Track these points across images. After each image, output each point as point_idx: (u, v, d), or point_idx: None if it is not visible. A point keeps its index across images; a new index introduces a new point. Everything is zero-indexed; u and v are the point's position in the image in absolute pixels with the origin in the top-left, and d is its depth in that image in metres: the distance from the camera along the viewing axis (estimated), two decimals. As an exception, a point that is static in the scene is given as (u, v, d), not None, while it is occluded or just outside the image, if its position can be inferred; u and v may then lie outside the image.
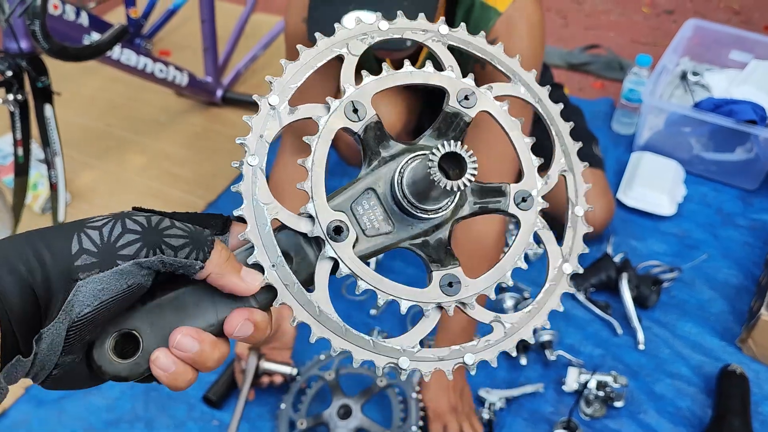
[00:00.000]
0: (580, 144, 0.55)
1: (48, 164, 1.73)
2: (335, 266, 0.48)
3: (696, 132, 2.02)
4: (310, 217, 0.48)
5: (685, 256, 1.82)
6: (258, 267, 0.48)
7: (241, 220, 0.49)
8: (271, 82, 0.50)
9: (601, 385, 1.47)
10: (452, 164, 0.46)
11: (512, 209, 0.53)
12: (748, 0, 2.97)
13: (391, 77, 0.52)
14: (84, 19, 1.76)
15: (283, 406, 1.47)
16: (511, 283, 0.52)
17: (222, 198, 2.08)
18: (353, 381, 1.51)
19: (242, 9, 2.56)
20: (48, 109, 1.67)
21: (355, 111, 0.50)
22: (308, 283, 0.49)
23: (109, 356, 0.45)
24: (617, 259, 1.75)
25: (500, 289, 1.67)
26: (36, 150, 1.87)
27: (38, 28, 1.37)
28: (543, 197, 0.54)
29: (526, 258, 0.54)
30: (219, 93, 2.40)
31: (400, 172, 0.51)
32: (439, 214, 0.51)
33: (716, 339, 1.63)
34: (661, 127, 2.09)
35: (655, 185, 1.94)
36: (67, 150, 1.78)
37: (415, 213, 0.50)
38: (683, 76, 2.22)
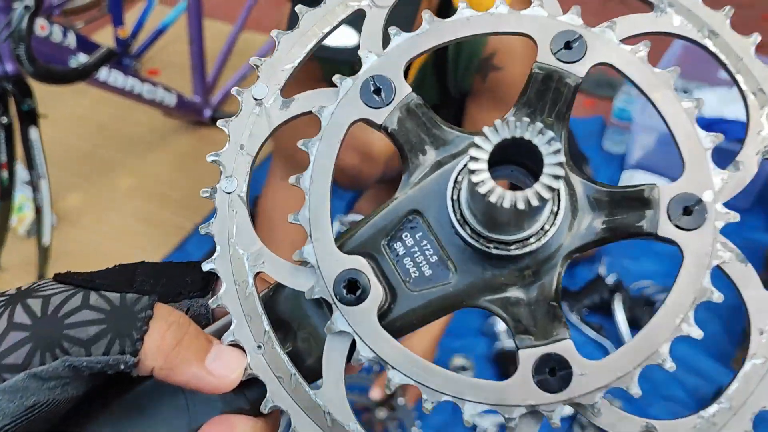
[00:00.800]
0: None
1: (33, 187, 1.71)
2: (353, 346, 0.31)
3: (687, 151, 2.02)
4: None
5: (679, 276, 1.81)
6: (241, 348, 0.32)
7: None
8: (257, 66, 0.34)
9: (595, 410, 1.45)
10: (534, 159, 0.27)
11: (665, 230, 0.31)
12: (736, 17, 2.99)
13: (435, 32, 0.33)
14: (71, 41, 1.74)
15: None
16: (670, 365, 0.30)
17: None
18: (352, 409, 1.48)
19: (231, 28, 2.55)
20: (33, 131, 1.65)
21: (377, 91, 0.32)
22: (318, 372, 0.32)
23: None
24: (610, 279, 1.73)
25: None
26: (22, 172, 1.84)
27: (23, 52, 1.36)
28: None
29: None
30: (207, 113, 2.38)
31: (456, 182, 0.31)
32: (530, 248, 0.30)
33: (711, 361, 1.62)
34: (652, 145, 2.09)
35: (647, 204, 1.94)
36: (54, 170, 1.76)
37: (487, 249, 0.30)
38: (673, 95, 2.23)
